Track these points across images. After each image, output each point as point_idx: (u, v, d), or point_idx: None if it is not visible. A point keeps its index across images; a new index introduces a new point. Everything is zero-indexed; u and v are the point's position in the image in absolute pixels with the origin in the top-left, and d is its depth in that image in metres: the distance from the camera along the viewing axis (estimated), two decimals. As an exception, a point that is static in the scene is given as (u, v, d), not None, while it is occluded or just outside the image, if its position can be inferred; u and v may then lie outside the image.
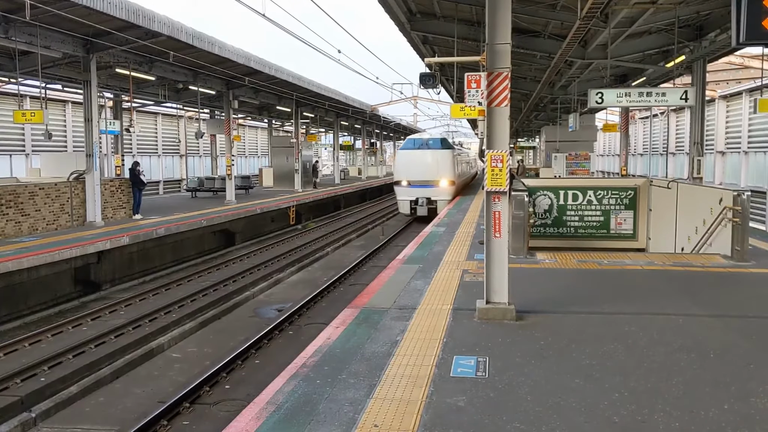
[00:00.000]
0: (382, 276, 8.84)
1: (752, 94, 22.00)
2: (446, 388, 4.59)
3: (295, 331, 10.81)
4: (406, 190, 24.71)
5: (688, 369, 4.96)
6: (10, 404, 7.28)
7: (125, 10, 13.07)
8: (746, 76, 25.71)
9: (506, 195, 6.31)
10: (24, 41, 13.57)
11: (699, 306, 6.87)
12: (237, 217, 19.97)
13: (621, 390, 4.52)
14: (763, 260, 9.36)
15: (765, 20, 4.68)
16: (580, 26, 10.85)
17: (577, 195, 13.50)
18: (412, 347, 5.51)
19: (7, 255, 11.52)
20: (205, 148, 37.37)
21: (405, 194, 24.80)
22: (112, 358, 9.01)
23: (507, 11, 6.17)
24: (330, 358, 5.28)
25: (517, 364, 5.07)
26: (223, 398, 7.87)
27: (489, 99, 6.22)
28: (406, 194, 24.77)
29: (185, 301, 12.21)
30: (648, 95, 12.70)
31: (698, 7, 12.88)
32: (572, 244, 13.10)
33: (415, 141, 25.89)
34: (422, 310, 6.76)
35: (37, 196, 14.98)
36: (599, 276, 8.66)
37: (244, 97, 26.30)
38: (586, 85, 22.03)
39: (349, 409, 4.23)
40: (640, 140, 37.26)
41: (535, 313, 6.54)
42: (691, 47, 14.68)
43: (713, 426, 3.96)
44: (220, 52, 17.59)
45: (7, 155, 22.93)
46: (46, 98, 20.06)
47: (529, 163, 50.91)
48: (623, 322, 6.21)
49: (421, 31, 16.15)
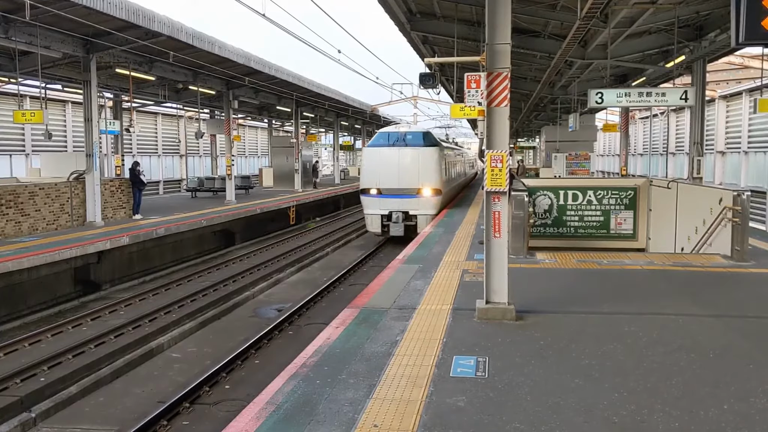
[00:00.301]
0: (382, 276, 8.84)
1: (752, 94, 21.99)
2: (446, 388, 4.59)
3: (294, 331, 10.81)
4: (376, 201, 18.76)
5: (688, 369, 4.96)
6: (10, 404, 7.28)
7: (125, 10, 13.08)
8: (746, 76, 25.70)
9: (506, 195, 6.31)
10: (24, 41, 13.58)
11: (699, 306, 6.87)
12: (237, 217, 19.97)
13: (620, 390, 4.52)
14: (763, 260, 9.36)
15: (764, 20, 4.67)
16: (580, 26, 10.85)
17: (577, 195, 13.50)
18: (411, 347, 5.51)
19: (7, 255, 11.52)
20: (205, 148, 37.37)
21: (374, 207, 18.85)
22: (111, 358, 9.01)
23: (507, 11, 6.17)
24: (330, 358, 5.28)
25: (517, 364, 5.07)
26: (222, 398, 7.87)
27: (489, 99, 6.22)
28: (375, 207, 18.83)
29: (185, 301, 12.21)
30: (648, 95, 12.70)
31: (698, 7, 12.88)
32: (572, 244, 13.10)
33: (389, 135, 19.27)
34: (422, 310, 6.77)
35: (37, 196, 14.97)
36: (599, 276, 8.66)
37: (244, 97, 26.30)
38: (586, 85, 22.02)
39: (349, 409, 4.23)
40: (640, 140, 37.26)
41: (535, 313, 6.54)
42: (691, 47, 14.68)
43: (713, 426, 3.96)
44: (220, 52, 17.60)
45: (7, 155, 22.93)
46: (46, 98, 20.05)
47: (529, 163, 50.91)
48: (623, 322, 6.21)
49: (421, 31, 16.15)
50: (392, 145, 18.81)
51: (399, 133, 19.21)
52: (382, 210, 18.68)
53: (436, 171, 18.76)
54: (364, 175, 19.33)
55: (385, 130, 20.03)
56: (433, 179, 18.64)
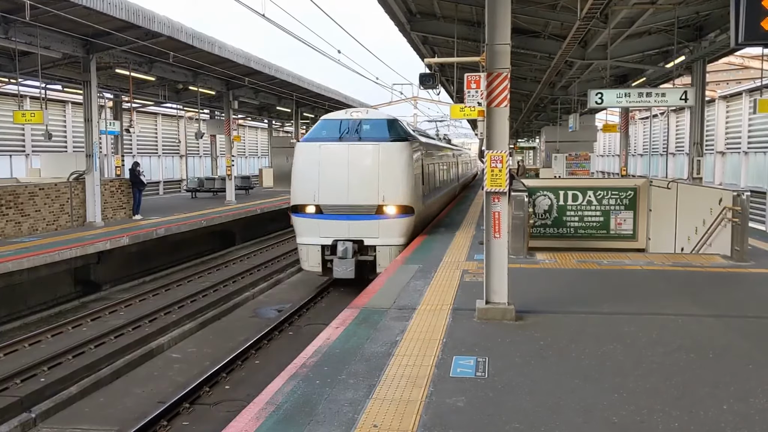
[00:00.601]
0: (382, 276, 8.84)
1: (752, 94, 21.98)
2: (446, 388, 4.60)
3: (294, 332, 10.81)
4: (314, 225, 12.65)
5: (688, 369, 4.96)
6: (10, 404, 7.28)
7: (125, 10, 13.08)
8: (746, 76, 25.75)
9: (506, 195, 6.31)
10: (24, 42, 13.58)
11: (698, 306, 6.87)
12: (237, 217, 19.97)
13: (620, 390, 4.52)
14: (763, 260, 9.36)
15: (764, 20, 4.67)
16: (579, 26, 10.84)
17: (576, 195, 13.50)
18: (411, 347, 5.52)
19: (8, 255, 11.52)
20: (205, 149, 37.38)
21: (311, 233, 12.69)
22: (111, 359, 9.02)
23: (507, 12, 6.18)
24: (329, 358, 5.28)
25: (517, 365, 5.07)
26: (222, 398, 7.87)
27: (489, 99, 6.23)
28: (312, 233, 12.67)
29: (185, 302, 12.21)
30: (648, 96, 12.71)
31: (698, 7, 12.89)
32: (572, 244, 13.10)
33: (335, 124, 13.06)
34: (422, 311, 6.77)
35: (37, 197, 14.98)
36: (599, 276, 8.66)
37: (244, 98, 26.30)
38: (586, 85, 22.01)
39: (349, 410, 4.23)
40: (640, 140, 37.26)
41: (535, 313, 6.54)
42: (690, 48, 14.68)
43: (712, 426, 3.96)
44: (220, 53, 17.60)
45: (7, 155, 22.93)
46: (46, 98, 20.06)
47: (529, 164, 50.91)
48: (622, 323, 6.21)
49: (420, 31, 16.14)
50: (340, 140, 12.57)
51: (350, 122, 12.81)
52: (322, 238, 12.47)
53: (406, 178, 12.53)
54: (297, 184, 12.82)
55: (330, 117, 13.51)
56: (401, 191, 12.43)
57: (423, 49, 18.23)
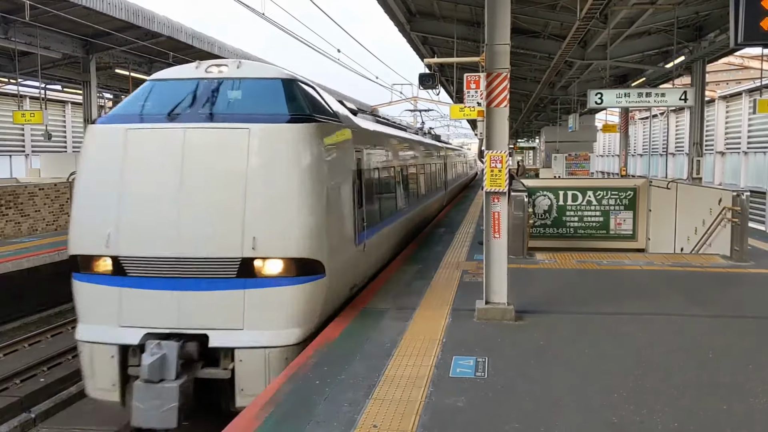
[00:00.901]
0: (382, 276, 8.84)
1: (752, 94, 22.00)
2: (445, 388, 4.59)
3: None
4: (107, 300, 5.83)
5: (687, 369, 4.96)
6: (10, 405, 7.28)
7: (125, 10, 13.09)
8: (746, 76, 25.77)
9: (506, 195, 6.32)
10: (24, 42, 13.59)
11: (698, 306, 6.87)
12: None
13: (619, 390, 4.52)
14: (763, 260, 9.36)
15: (763, 21, 4.68)
16: (579, 27, 10.85)
17: (576, 195, 13.51)
18: (411, 347, 5.51)
19: (7, 255, 11.52)
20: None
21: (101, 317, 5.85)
22: (111, 359, 8.99)
23: (506, 12, 6.18)
24: (329, 358, 5.28)
25: (516, 365, 5.07)
26: (222, 398, 7.85)
27: (488, 99, 6.23)
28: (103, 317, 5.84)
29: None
30: (647, 96, 12.73)
31: (697, 7, 12.90)
32: (572, 244, 13.10)
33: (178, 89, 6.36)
34: (422, 311, 6.76)
35: (36, 197, 14.97)
36: (598, 276, 8.66)
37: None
38: (586, 85, 22.03)
39: (348, 410, 4.23)
40: (639, 141, 37.28)
41: (534, 313, 6.54)
42: (690, 48, 14.70)
43: (712, 426, 3.96)
44: (219, 53, 17.62)
45: (7, 156, 22.94)
46: (46, 99, 20.07)
47: (529, 164, 50.93)
48: (622, 323, 6.21)
49: (420, 31, 16.16)
50: (170, 119, 6.05)
51: (203, 84, 6.36)
52: (123, 329, 5.83)
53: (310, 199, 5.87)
54: (79, 211, 6.07)
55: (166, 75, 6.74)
56: (297, 226, 5.78)
57: (423, 49, 18.23)
